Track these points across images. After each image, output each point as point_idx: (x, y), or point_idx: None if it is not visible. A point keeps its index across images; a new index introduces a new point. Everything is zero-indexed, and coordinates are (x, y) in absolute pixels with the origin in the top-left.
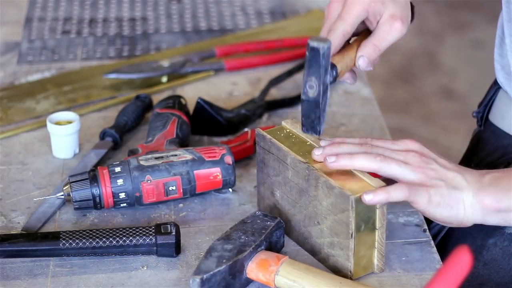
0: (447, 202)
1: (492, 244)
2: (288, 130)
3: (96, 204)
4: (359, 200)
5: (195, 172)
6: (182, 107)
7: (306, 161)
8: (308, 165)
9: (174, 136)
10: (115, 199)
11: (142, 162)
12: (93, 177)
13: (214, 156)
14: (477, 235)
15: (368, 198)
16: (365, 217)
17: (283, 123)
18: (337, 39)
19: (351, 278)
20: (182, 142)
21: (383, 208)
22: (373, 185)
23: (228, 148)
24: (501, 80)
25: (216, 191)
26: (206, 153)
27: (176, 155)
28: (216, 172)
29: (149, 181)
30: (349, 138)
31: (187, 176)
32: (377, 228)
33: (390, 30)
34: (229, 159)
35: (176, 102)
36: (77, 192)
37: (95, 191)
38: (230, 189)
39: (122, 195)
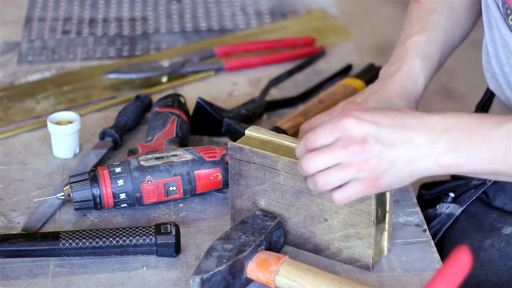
0: (398, 179)
1: (489, 245)
2: (257, 138)
3: (97, 204)
4: None
5: (195, 172)
6: (182, 106)
7: None
8: None
9: (174, 135)
10: (115, 200)
11: (142, 163)
12: (93, 177)
13: (215, 156)
14: (474, 236)
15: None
16: (380, 202)
17: (247, 132)
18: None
19: (372, 266)
20: (182, 141)
21: (391, 191)
22: None
23: None
24: (491, 84)
25: (217, 191)
26: (207, 153)
27: (176, 155)
28: (216, 172)
29: (149, 182)
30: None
31: (187, 176)
32: (387, 211)
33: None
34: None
35: (175, 100)
36: (77, 192)
37: (96, 191)
38: None
39: (122, 196)
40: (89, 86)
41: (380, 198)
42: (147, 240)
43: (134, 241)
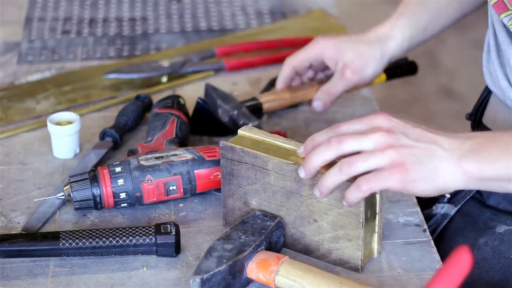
0: (423, 175)
1: (483, 243)
2: (249, 137)
3: (97, 204)
4: None
5: (195, 171)
6: (181, 107)
7: (294, 162)
8: (299, 166)
9: (174, 136)
10: (115, 199)
11: (142, 162)
12: (93, 177)
13: (215, 156)
14: (469, 235)
15: (351, 199)
16: (370, 204)
17: (240, 132)
18: (286, 70)
19: (361, 267)
20: (182, 142)
21: (381, 193)
22: None
23: None
24: (490, 84)
25: (216, 191)
26: (206, 153)
27: (176, 155)
28: (216, 171)
29: (149, 181)
30: (318, 134)
31: (187, 175)
32: (377, 212)
33: (340, 79)
34: None
35: (175, 102)
36: (77, 192)
37: (96, 191)
38: None
39: (122, 195)
40: (89, 86)
41: (370, 200)
42: (147, 240)
43: (134, 241)
